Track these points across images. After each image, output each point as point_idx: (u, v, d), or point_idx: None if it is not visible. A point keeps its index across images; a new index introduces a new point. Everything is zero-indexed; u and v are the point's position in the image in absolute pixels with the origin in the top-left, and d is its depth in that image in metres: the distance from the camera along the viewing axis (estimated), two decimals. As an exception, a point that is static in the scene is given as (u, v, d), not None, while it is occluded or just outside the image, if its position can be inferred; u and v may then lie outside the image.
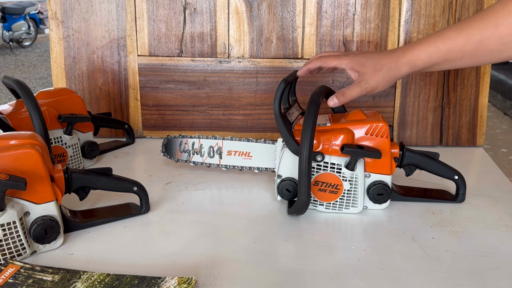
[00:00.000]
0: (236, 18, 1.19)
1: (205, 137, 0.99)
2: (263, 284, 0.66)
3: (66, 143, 1.02)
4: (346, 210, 0.86)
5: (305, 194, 0.79)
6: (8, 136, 0.74)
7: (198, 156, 1.00)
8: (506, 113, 4.73)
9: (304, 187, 0.79)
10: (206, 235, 0.79)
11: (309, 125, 0.77)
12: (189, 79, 1.24)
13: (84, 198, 0.81)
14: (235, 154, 0.98)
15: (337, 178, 0.84)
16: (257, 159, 0.98)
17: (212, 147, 0.99)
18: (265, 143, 0.97)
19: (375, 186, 0.85)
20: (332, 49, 1.19)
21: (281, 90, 0.83)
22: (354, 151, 0.82)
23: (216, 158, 0.99)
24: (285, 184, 0.86)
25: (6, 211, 0.67)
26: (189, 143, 1.01)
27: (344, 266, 0.71)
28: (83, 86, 1.26)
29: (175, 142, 1.02)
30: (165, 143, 1.03)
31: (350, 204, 0.86)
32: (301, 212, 0.83)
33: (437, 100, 1.21)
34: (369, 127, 0.84)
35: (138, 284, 0.62)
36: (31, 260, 0.71)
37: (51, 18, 1.22)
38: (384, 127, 0.84)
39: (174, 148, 1.02)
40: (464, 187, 0.90)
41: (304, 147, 0.76)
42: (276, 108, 0.82)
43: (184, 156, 1.02)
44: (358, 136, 0.85)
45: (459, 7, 1.15)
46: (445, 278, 0.68)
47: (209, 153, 0.99)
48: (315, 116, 0.78)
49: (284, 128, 0.83)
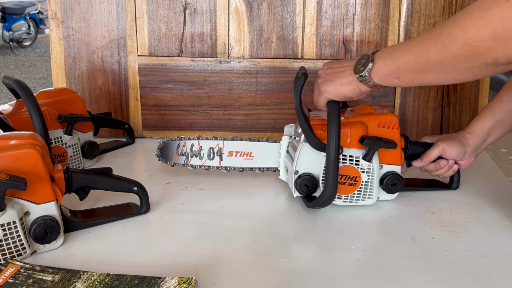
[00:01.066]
0: (236, 18, 1.19)
1: (205, 138, 0.96)
2: (263, 284, 0.66)
3: (66, 143, 1.02)
4: (363, 202, 0.88)
5: (333, 185, 0.80)
6: (8, 136, 0.74)
7: (197, 158, 0.97)
8: (506, 113, 4.72)
9: (332, 178, 0.80)
10: (206, 235, 0.79)
11: (335, 117, 0.79)
12: (189, 79, 1.24)
13: (84, 198, 0.81)
14: (237, 154, 0.96)
15: (356, 170, 0.86)
16: (259, 159, 0.97)
17: (212, 149, 0.96)
18: (268, 142, 0.97)
19: (388, 176, 0.88)
20: (332, 49, 1.19)
21: (301, 84, 0.81)
22: (374, 142, 0.85)
23: (216, 160, 0.97)
24: (303, 180, 0.86)
25: (6, 211, 0.67)
26: (187, 145, 0.97)
27: (344, 266, 0.71)
28: (83, 86, 1.26)
29: (172, 144, 0.97)
30: (161, 146, 0.97)
31: (366, 196, 0.88)
32: (326, 204, 0.84)
33: (437, 100, 1.21)
34: (381, 120, 0.87)
35: (138, 284, 0.62)
36: (31, 260, 0.71)
37: (51, 18, 1.22)
38: (395, 119, 0.88)
39: (170, 151, 0.97)
40: (458, 175, 0.96)
41: (332, 138, 0.78)
42: (297, 103, 0.81)
43: (182, 160, 0.97)
44: (371, 128, 0.87)
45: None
46: (445, 278, 0.68)
47: (208, 155, 0.96)
48: (338, 108, 0.80)
49: (305, 123, 0.83)
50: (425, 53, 0.66)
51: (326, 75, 0.82)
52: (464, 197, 0.94)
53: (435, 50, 0.64)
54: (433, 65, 0.66)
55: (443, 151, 0.92)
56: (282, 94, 1.23)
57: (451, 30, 0.61)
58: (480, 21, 0.57)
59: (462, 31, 0.60)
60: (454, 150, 0.91)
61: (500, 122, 0.92)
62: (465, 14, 0.60)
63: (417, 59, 0.67)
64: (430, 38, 0.65)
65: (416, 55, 0.67)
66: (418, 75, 0.69)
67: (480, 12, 0.57)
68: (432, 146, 0.93)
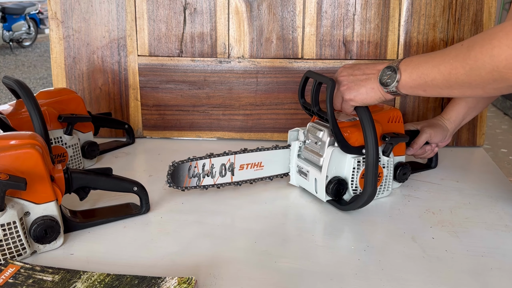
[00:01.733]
0: (236, 18, 1.19)
1: (216, 155, 0.91)
2: (263, 284, 0.66)
3: (66, 143, 1.02)
4: (382, 195, 0.93)
5: (373, 185, 0.82)
6: (8, 136, 0.74)
7: (209, 178, 0.92)
8: (506, 113, 4.73)
9: (372, 180, 0.82)
10: (206, 235, 0.79)
11: (369, 120, 0.81)
12: (189, 79, 1.24)
13: (84, 198, 0.81)
14: (247, 167, 0.94)
15: (380, 167, 0.89)
16: (268, 168, 0.96)
17: (224, 165, 0.92)
18: (276, 149, 0.95)
19: (399, 167, 0.94)
20: (332, 49, 1.19)
21: (332, 91, 0.82)
22: (394, 139, 0.89)
23: (228, 176, 0.93)
24: (334, 184, 0.87)
25: (6, 211, 0.67)
26: (199, 165, 0.90)
27: (344, 266, 0.71)
28: (83, 86, 1.26)
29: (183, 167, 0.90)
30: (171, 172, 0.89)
31: (385, 189, 0.92)
32: (366, 204, 0.85)
33: (437, 100, 1.21)
34: (390, 116, 0.92)
35: (138, 284, 0.62)
36: (31, 260, 0.71)
37: (51, 18, 1.22)
38: (400, 113, 0.93)
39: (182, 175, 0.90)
40: (436, 155, 1.06)
41: (371, 141, 0.81)
42: (331, 109, 0.83)
43: (194, 182, 0.91)
44: (383, 124, 0.90)
45: (459, 7, 1.15)
46: (445, 278, 0.68)
47: (220, 172, 0.92)
48: (369, 111, 0.82)
49: (338, 130, 0.84)
50: (452, 74, 0.68)
51: (349, 83, 0.83)
52: (464, 197, 0.94)
53: (463, 73, 0.66)
54: (461, 84, 0.68)
55: (429, 137, 1.01)
56: (282, 94, 1.23)
57: (479, 55, 0.63)
58: (508, 50, 0.60)
59: (490, 58, 0.62)
60: (439, 135, 1.02)
61: (472, 108, 1.04)
62: (492, 41, 0.62)
63: (445, 77, 0.69)
64: (457, 59, 0.67)
65: (443, 74, 0.69)
66: (444, 90, 0.71)
67: (507, 42, 0.60)
68: (419, 134, 1.01)
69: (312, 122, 0.92)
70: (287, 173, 0.97)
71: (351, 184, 0.87)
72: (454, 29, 1.16)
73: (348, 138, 0.86)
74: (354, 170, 0.87)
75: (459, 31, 1.16)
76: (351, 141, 0.86)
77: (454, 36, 1.16)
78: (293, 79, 1.21)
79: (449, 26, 1.16)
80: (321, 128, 0.88)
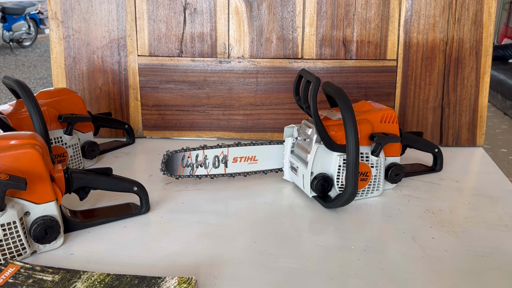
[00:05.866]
0: (236, 18, 1.19)
1: (209, 147, 0.95)
2: (263, 284, 0.66)
3: (66, 143, 1.02)
4: (371, 194, 0.92)
5: (353, 185, 0.82)
6: (8, 136, 0.74)
7: (202, 168, 0.95)
8: (506, 113, 4.73)
9: (352, 178, 0.81)
10: (206, 235, 0.79)
11: (351, 118, 0.80)
12: (189, 79, 1.24)
13: (84, 198, 0.81)
14: (241, 160, 0.96)
15: (367, 166, 0.89)
16: (262, 162, 0.97)
17: (217, 157, 0.95)
18: (271, 144, 0.97)
19: (391, 168, 0.93)
20: (332, 49, 1.19)
21: (317, 89, 0.83)
22: (382, 138, 0.88)
23: (221, 168, 0.96)
24: (319, 180, 0.87)
25: (6, 211, 0.67)
26: (192, 156, 0.94)
27: (344, 266, 0.71)
28: (83, 86, 1.26)
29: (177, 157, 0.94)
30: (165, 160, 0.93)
31: (375, 188, 0.92)
32: (347, 203, 0.85)
33: (437, 100, 1.21)
34: (383, 115, 0.91)
35: (138, 284, 0.62)
36: (31, 260, 0.71)
37: (51, 18, 1.22)
38: (394, 113, 0.92)
39: (175, 164, 0.94)
40: (441, 158, 1.04)
41: (351, 140, 0.80)
42: (314, 107, 0.84)
43: (187, 171, 0.95)
44: (375, 124, 0.90)
45: (459, 7, 1.15)
46: (445, 278, 0.68)
47: (214, 164, 0.95)
48: (352, 109, 0.82)
49: (322, 127, 0.85)
50: None
51: None
52: (464, 197, 0.94)
53: None
54: None
55: None
56: (282, 94, 1.23)
57: None
58: None
59: None
60: None
61: None
62: None
63: None
64: None
65: None
66: None
67: None
68: None
69: (305, 119, 0.93)
70: (281, 168, 0.99)
71: (336, 181, 0.88)
72: (454, 29, 1.16)
73: (334, 136, 0.87)
74: (340, 168, 0.87)
75: (459, 31, 1.16)
76: (337, 139, 0.87)
77: (454, 36, 1.16)
78: (293, 79, 1.21)
79: (449, 26, 1.16)
80: (310, 125, 0.90)
